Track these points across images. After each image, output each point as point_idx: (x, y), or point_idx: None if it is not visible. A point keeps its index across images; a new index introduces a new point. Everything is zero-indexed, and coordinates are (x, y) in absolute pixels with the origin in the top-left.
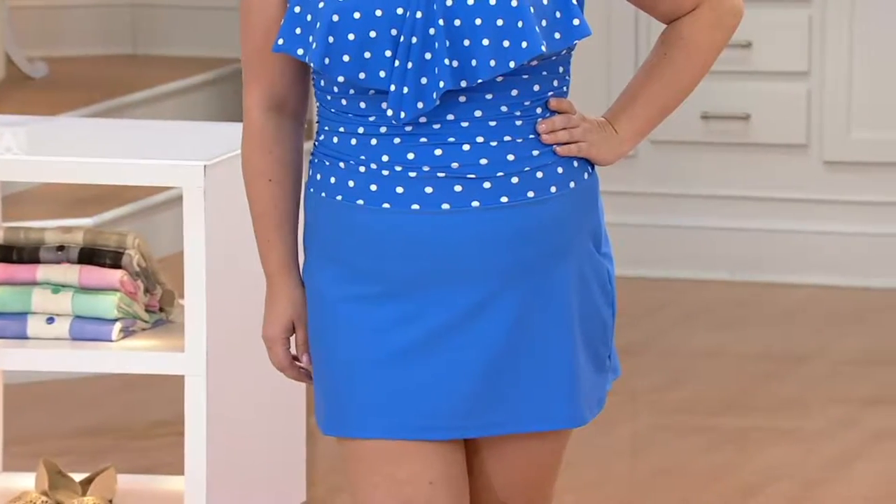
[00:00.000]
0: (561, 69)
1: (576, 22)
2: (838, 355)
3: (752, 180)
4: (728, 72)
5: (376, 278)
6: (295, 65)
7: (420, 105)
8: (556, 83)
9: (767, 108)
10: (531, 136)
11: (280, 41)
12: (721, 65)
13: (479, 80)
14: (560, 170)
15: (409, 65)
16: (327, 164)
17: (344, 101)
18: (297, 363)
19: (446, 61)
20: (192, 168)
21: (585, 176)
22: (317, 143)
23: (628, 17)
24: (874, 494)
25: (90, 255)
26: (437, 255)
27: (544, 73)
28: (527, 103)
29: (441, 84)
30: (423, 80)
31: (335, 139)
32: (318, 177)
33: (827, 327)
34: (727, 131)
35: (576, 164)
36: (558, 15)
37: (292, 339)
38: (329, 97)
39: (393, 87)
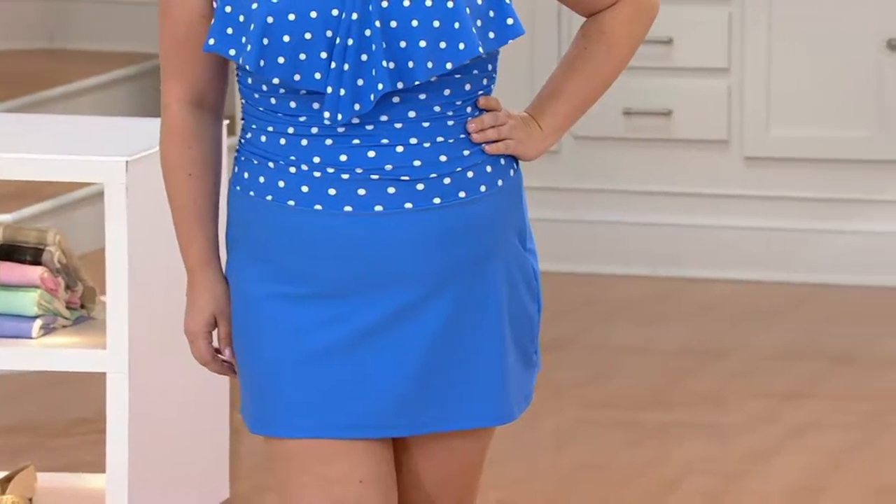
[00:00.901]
0: (490, 67)
1: (510, 21)
2: (757, 350)
3: (673, 176)
4: (649, 68)
5: (307, 279)
6: (215, 60)
7: (357, 107)
8: (485, 81)
9: (689, 104)
10: (462, 136)
11: (211, 41)
12: (643, 61)
13: (417, 82)
14: (489, 168)
15: (346, 66)
16: (255, 162)
17: (273, 100)
18: (220, 356)
19: (383, 63)
20: (113, 164)
21: (511, 173)
22: (243, 140)
23: (551, 13)
24: (792, 488)
25: (9, 252)
26: (370, 258)
27: (475, 72)
28: (458, 103)
29: (380, 86)
30: (360, 82)
31: (263, 138)
32: (246, 175)
33: (746, 322)
34: (649, 127)
35: (503, 161)
36: (492, 14)
37: (214, 332)
38: (257, 95)
39: (330, 89)
